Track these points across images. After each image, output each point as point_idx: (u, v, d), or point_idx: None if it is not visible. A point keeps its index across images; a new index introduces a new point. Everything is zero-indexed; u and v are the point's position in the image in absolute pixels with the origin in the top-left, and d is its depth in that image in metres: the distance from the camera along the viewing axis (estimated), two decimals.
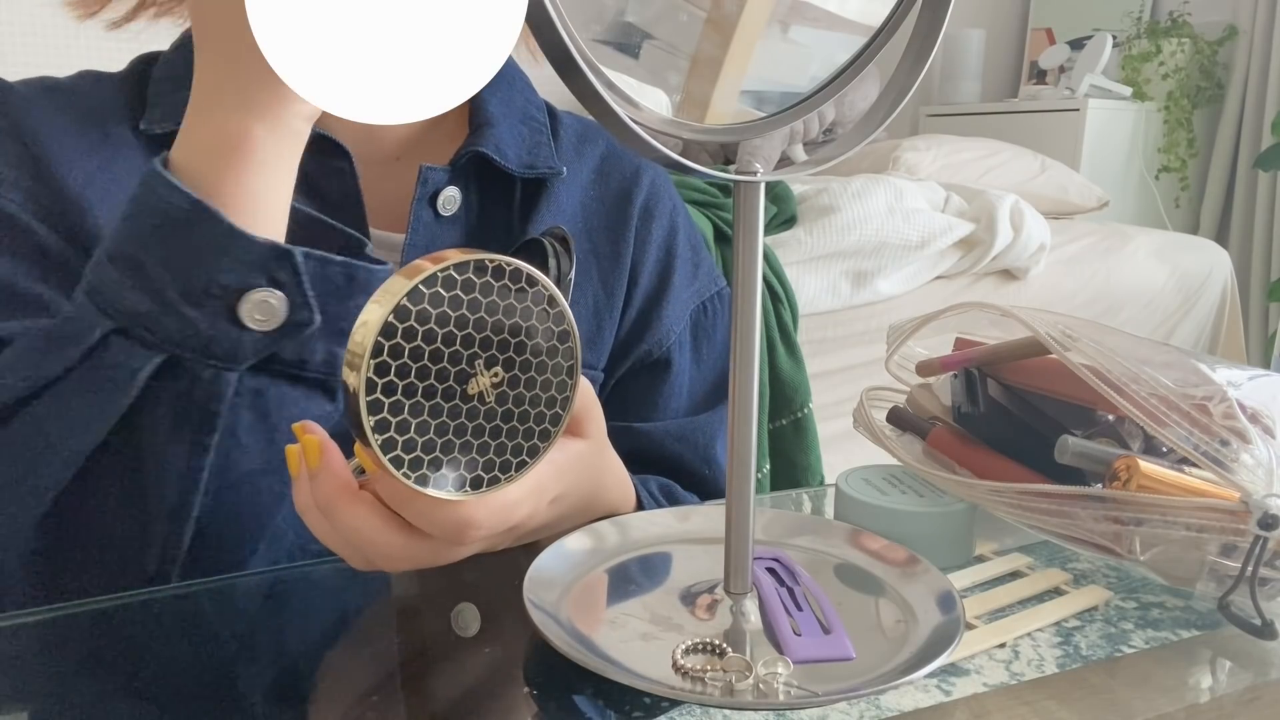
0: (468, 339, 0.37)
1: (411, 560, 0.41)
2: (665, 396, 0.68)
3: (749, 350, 0.39)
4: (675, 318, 0.68)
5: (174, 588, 0.46)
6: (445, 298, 0.36)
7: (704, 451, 0.67)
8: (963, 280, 1.80)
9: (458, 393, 0.37)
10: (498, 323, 0.38)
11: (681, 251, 0.69)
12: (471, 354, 0.37)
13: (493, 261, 0.37)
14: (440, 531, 0.40)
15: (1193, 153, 3.23)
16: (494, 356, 0.38)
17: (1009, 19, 3.68)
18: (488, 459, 0.39)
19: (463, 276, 0.36)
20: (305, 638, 0.43)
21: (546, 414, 0.40)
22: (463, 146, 0.60)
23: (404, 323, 0.35)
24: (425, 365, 0.36)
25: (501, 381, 0.38)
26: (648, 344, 0.67)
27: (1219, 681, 0.41)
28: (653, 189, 0.69)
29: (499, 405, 0.39)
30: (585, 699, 0.37)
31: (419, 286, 0.35)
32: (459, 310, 0.37)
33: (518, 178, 0.62)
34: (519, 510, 0.42)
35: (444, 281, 0.36)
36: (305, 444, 0.39)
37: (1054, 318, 0.49)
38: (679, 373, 0.68)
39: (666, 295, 0.68)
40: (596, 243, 0.66)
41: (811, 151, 2.20)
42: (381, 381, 0.35)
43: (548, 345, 0.39)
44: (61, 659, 0.41)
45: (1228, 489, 0.41)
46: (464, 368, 0.37)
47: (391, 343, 0.35)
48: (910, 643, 0.39)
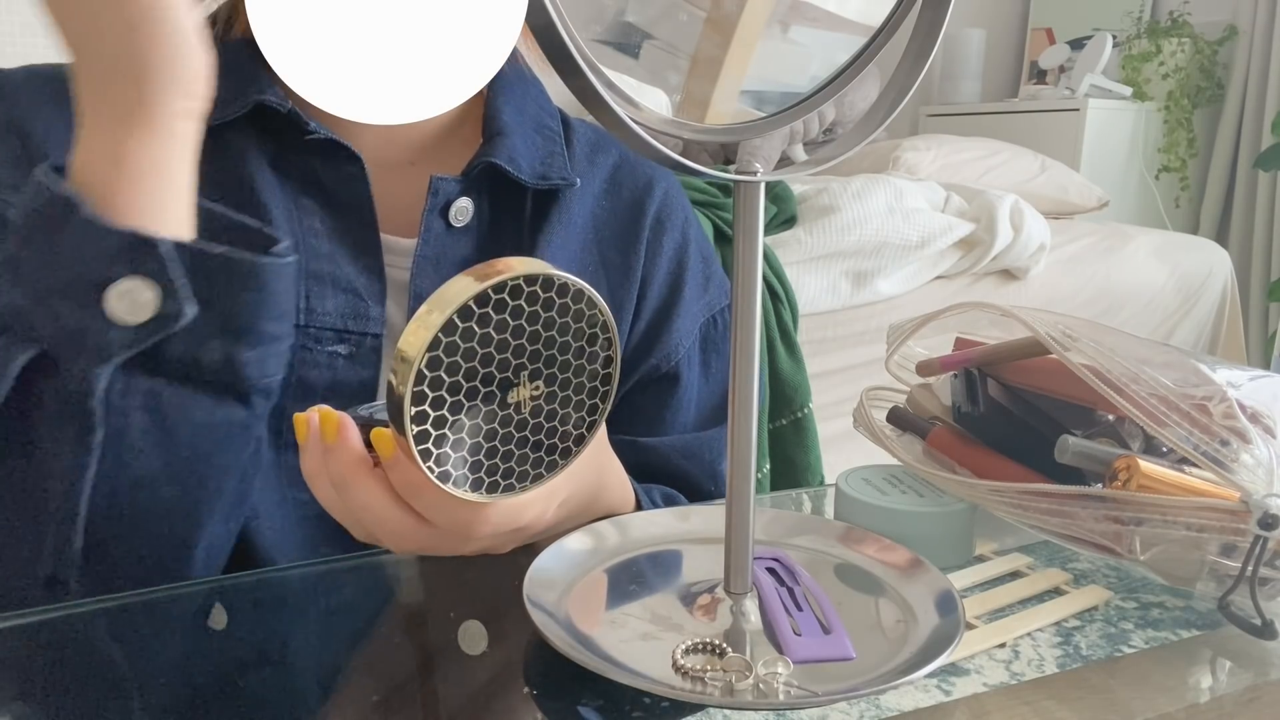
0: (519, 349, 0.38)
1: (416, 544, 0.41)
2: (672, 411, 0.67)
3: (749, 350, 0.39)
4: (685, 331, 0.67)
5: (174, 587, 0.46)
6: (509, 305, 0.37)
7: (710, 468, 0.66)
8: (963, 280, 1.80)
9: (498, 399, 0.38)
10: (550, 339, 0.38)
11: (693, 264, 0.68)
12: (519, 364, 0.38)
13: (558, 279, 0.37)
14: (449, 525, 0.40)
15: (1193, 153, 3.23)
16: (539, 370, 0.39)
17: (1009, 19, 3.68)
18: (509, 466, 0.39)
19: (530, 288, 0.37)
20: (304, 638, 0.43)
21: (573, 433, 0.41)
22: (475, 156, 0.60)
23: (465, 323, 0.36)
24: (474, 367, 0.37)
25: (540, 395, 0.39)
26: (656, 358, 0.66)
27: (1219, 681, 0.41)
28: (665, 200, 0.68)
29: (532, 417, 0.39)
30: (585, 699, 0.37)
31: (487, 291, 0.36)
32: (518, 320, 0.37)
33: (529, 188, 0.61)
34: (529, 512, 0.42)
35: (511, 290, 0.36)
36: (323, 416, 0.40)
37: (1054, 318, 0.49)
38: (687, 387, 0.67)
39: (676, 309, 0.67)
40: (606, 254, 0.65)
41: (811, 151, 2.20)
42: (430, 376, 0.36)
43: (590, 368, 0.40)
44: (58, 660, 0.41)
45: (1228, 489, 0.41)
46: (509, 376, 0.38)
47: (449, 340, 0.36)
48: (910, 643, 0.39)
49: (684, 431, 0.67)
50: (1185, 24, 3.24)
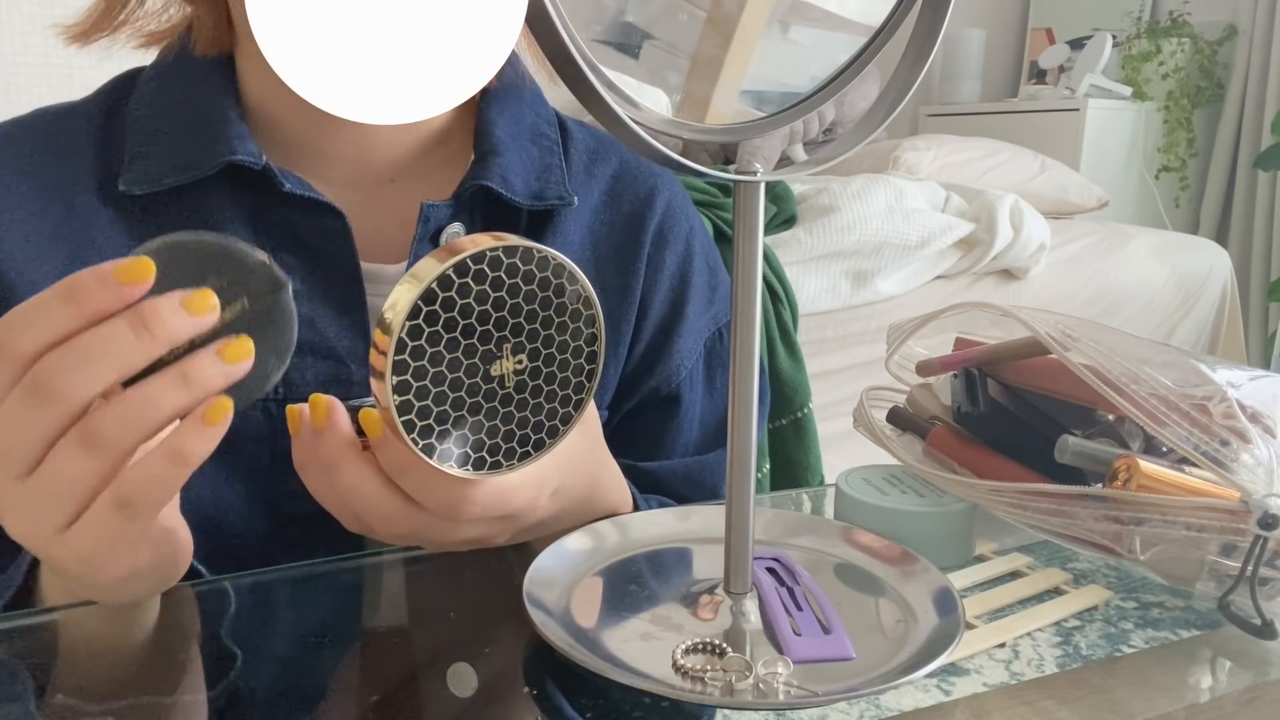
0: (501, 321, 0.38)
1: (405, 527, 0.40)
2: (673, 434, 0.64)
3: (749, 350, 0.39)
4: (687, 352, 0.64)
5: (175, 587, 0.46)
6: (489, 276, 0.37)
7: (713, 492, 0.64)
8: (963, 280, 1.80)
9: (480, 371, 0.38)
10: (532, 312, 0.38)
11: (697, 279, 0.65)
12: (501, 337, 0.38)
13: (541, 252, 0.38)
14: (436, 505, 0.40)
15: (1193, 153, 3.23)
16: (522, 344, 0.39)
17: (1009, 19, 3.68)
18: (494, 442, 0.39)
19: (509, 260, 0.37)
20: (304, 638, 0.43)
21: (559, 411, 0.40)
22: (466, 178, 0.56)
23: (445, 292, 0.36)
24: (456, 338, 0.37)
25: (524, 370, 0.39)
26: (656, 380, 0.63)
27: (1219, 681, 0.41)
28: (668, 211, 0.65)
29: (516, 392, 0.39)
30: (585, 699, 0.37)
31: (466, 260, 0.36)
32: (499, 291, 0.37)
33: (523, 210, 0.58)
34: (519, 497, 0.41)
35: (490, 261, 0.37)
36: (313, 402, 0.39)
37: (1054, 318, 0.49)
38: (688, 407, 0.65)
39: (679, 327, 0.64)
40: (604, 274, 0.62)
41: (811, 151, 2.20)
42: (412, 344, 0.36)
43: (574, 344, 0.40)
44: (57, 660, 0.41)
45: (1228, 489, 0.41)
46: (491, 348, 0.38)
47: (429, 309, 0.36)
48: (910, 643, 0.39)
49: (685, 452, 0.65)
50: (1185, 24, 3.24)
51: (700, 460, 0.65)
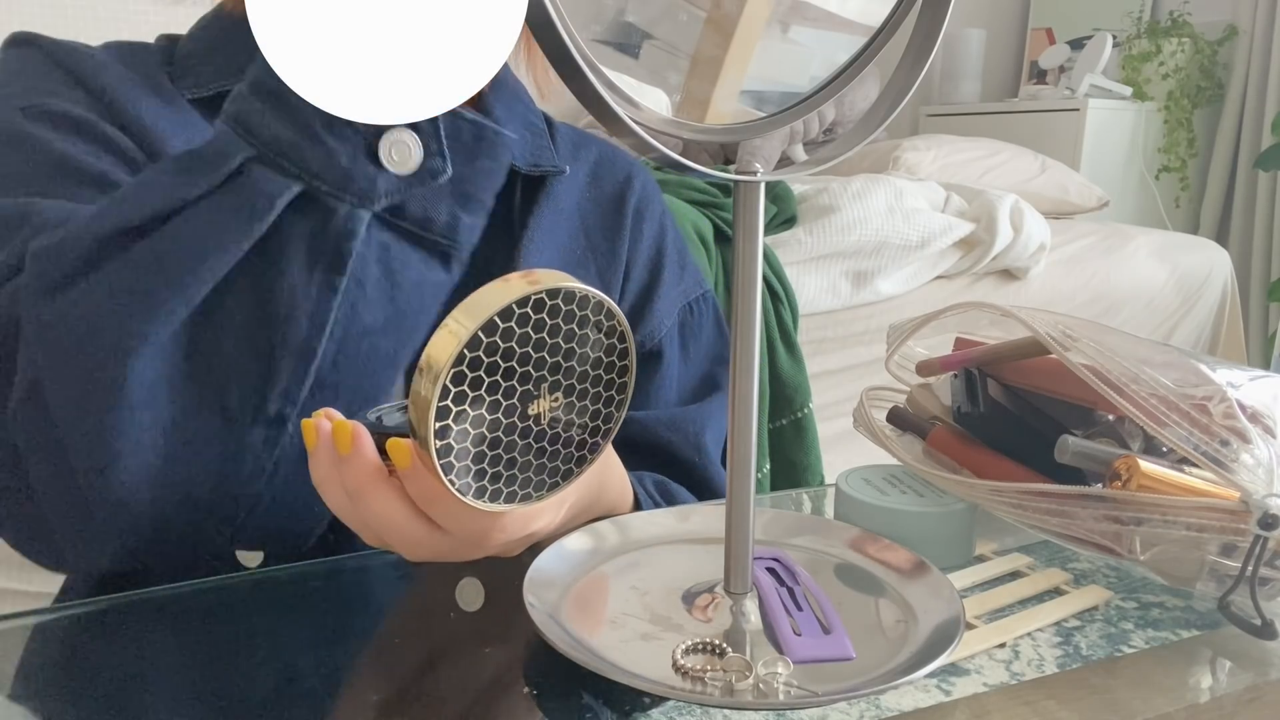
0: (540, 361, 0.38)
1: (431, 552, 0.41)
2: (657, 387, 0.70)
3: (749, 350, 0.39)
4: (665, 312, 0.70)
5: (172, 588, 0.46)
6: (532, 319, 0.37)
7: (694, 440, 0.69)
8: (963, 280, 1.80)
9: (518, 411, 0.38)
10: (570, 350, 0.38)
11: (669, 252, 0.72)
12: (540, 377, 0.38)
13: (579, 292, 0.37)
14: (464, 534, 0.40)
15: (1193, 153, 3.23)
16: (558, 382, 0.39)
17: (1009, 19, 3.68)
18: (526, 476, 0.39)
19: (552, 301, 0.37)
20: (304, 638, 0.43)
21: (588, 442, 0.41)
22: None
23: (489, 337, 0.36)
24: (497, 381, 0.37)
25: (559, 405, 0.39)
26: (640, 335, 0.69)
27: (1219, 681, 0.41)
28: (644, 192, 0.72)
29: (550, 428, 0.39)
30: (585, 699, 0.37)
31: (512, 305, 0.36)
32: (540, 333, 0.37)
33: (520, 175, 0.63)
34: (541, 519, 0.43)
35: (534, 304, 0.36)
36: (337, 428, 0.40)
37: (1054, 318, 0.49)
38: (669, 363, 0.70)
39: (657, 290, 0.70)
40: (594, 240, 0.68)
41: (811, 151, 2.20)
42: (455, 390, 0.36)
43: (606, 378, 0.40)
44: (57, 660, 0.41)
45: (1228, 489, 0.41)
46: (530, 389, 0.38)
47: (473, 355, 0.36)
48: (910, 643, 0.39)
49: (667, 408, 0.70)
50: (1185, 24, 3.24)
51: (683, 410, 0.70)
